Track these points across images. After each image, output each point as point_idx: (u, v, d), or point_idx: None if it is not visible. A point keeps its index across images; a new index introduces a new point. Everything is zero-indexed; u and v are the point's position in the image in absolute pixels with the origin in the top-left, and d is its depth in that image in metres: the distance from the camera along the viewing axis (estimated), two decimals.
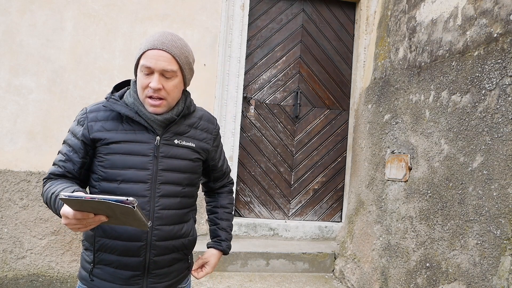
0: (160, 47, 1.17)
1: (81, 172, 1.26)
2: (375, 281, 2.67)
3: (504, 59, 1.83)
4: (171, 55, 1.18)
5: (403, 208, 2.50)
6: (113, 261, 1.21)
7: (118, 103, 1.24)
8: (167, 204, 1.23)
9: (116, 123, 1.23)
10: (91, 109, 1.26)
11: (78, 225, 1.00)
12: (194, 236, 1.36)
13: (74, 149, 1.24)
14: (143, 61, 1.18)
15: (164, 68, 1.17)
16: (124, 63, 3.17)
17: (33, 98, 3.02)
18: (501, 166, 1.78)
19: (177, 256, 1.29)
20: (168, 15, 3.25)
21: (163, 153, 1.23)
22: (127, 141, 1.21)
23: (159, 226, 1.21)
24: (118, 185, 1.19)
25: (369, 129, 3.13)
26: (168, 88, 1.20)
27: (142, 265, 1.21)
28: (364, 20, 3.62)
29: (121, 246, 1.20)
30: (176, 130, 1.28)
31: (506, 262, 1.70)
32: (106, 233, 1.21)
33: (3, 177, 2.92)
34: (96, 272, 1.23)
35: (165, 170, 1.23)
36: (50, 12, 3.08)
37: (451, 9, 2.30)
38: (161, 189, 1.22)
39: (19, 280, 2.87)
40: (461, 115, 2.08)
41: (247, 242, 3.34)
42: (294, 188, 3.73)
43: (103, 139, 1.21)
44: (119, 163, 1.20)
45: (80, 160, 1.24)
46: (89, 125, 1.23)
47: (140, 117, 1.22)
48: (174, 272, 1.30)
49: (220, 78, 3.38)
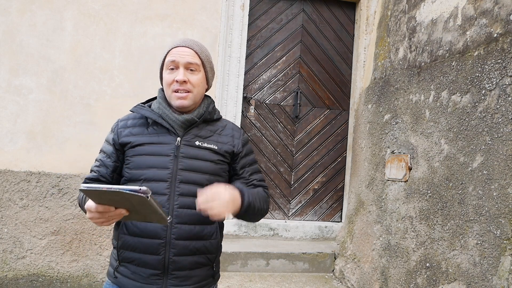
0: (183, 45, 1.30)
1: (113, 176, 1.33)
2: (375, 281, 2.67)
3: (504, 59, 1.83)
4: (193, 51, 1.30)
5: (403, 208, 2.50)
6: (135, 259, 1.25)
7: (144, 108, 1.36)
8: (186, 203, 1.25)
9: (142, 128, 1.33)
10: (122, 118, 1.40)
11: (101, 219, 1.06)
12: (217, 240, 1.34)
13: (107, 154, 1.34)
14: (168, 58, 1.30)
15: (188, 61, 1.28)
16: (124, 63, 3.17)
17: (33, 98, 3.02)
18: (501, 166, 1.78)
19: (200, 260, 1.29)
20: (168, 15, 3.25)
21: (184, 153, 1.28)
22: (151, 143, 1.30)
23: (178, 225, 1.24)
24: (141, 184, 1.25)
25: (369, 129, 3.13)
26: (193, 81, 1.29)
27: (161, 263, 1.23)
28: (364, 20, 3.62)
29: (141, 243, 1.24)
30: (198, 133, 1.33)
31: (506, 262, 1.70)
32: (128, 230, 1.26)
33: (3, 177, 2.92)
34: (120, 270, 1.29)
35: (184, 169, 1.27)
36: (50, 12, 3.08)
37: (451, 9, 2.30)
38: (181, 188, 1.25)
39: (19, 280, 2.87)
40: (461, 115, 2.08)
41: (247, 242, 3.34)
42: (294, 188, 3.73)
43: (130, 143, 1.30)
44: (142, 164, 1.28)
45: (112, 164, 1.33)
46: (119, 131, 1.34)
47: (163, 119, 1.31)
48: (196, 277, 1.29)
49: (220, 78, 3.38)
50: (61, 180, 2.98)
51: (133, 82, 3.15)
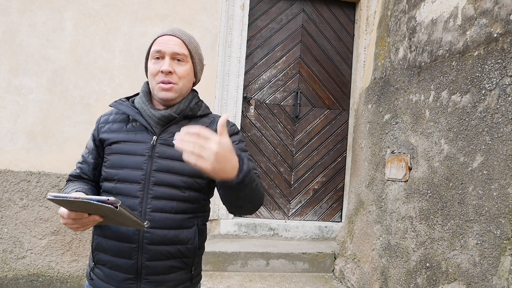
0: (170, 33, 1.23)
1: (95, 174, 1.28)
2: (375, 281, 2.67)
3: (504, 59, 1.83)
4: (181, 40, 1.22)
5: (403, 208, 2.50)
6: (108, 262, 1.20)
7: (124, 103, 1.28)
8: (159, 207, 1.17)
9: (121, 125, 1.26)
10: (105, 113, 1.33)
11: (75, 225, 1.03)
12: (194, 245, 1.22)
13: (89, 150, 1.30)
14: (154, 47, 1.22)
15: (175, 51, 1.20)
16: (124, 63, 3.17)
17: (33, 98, 3.02)
18: (501, 166, 1.78)
19: (175, 264, 1.20)
20: (168, 15, 3.25)
21: (159, 153, 1.19)
22: (126, 141, 1.22)
23: (150, 229, 1.15)
24: (115, 184, 1.20)
25: (369, 129, 3.13)
26: (179, 72, 1.21)
27: (134, 268, 1.17)
28: (364, 20, 3.62)
29: (114, 246, 1.18)
30: (176, 131, 1.18)
31: (506, 262, 1.70)
32: (102, 232, 1.21)
33: (3, 177, 2.92)
34: (96, 272, 1.24)
35: (158, 171, 1.18)
36: (50, 12, 3.08)
37: (451, 9, 2.30)
38: (154, 190, 1.17)
39: (19, 280, 2.87)
40: (461, 115, 2.08)
41: (247, 242, 3.34)
42: (294, 188, 3.73)
43: (107, 140, 1.24)
44: (117, 163, 1.21)
45: (93, 161, 1.28)
46: (99, 127, 1.28)
47: (141, 116, 1.23)
48: (172, 281, 1.21)
49: (220, 78, 3.38)
50: (61, 180, 2.98)
51: (133, 82, 3.15)
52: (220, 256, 3.01)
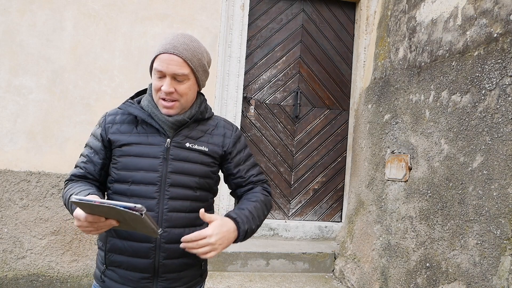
0: (171, 51, 1.19)
1: (101, 174, 1.29)
2: (375, 281, 2.67)
3: (504, 59, 1.83)
4: (182, 59, 1.20)
5: (403, 208, 2.50)
6: (123, 263, 1.22)
7: (133, 106, 1.28)
8: (176, 207, 1.22)
9: (131, 126, 1.27)
10: (110, 113, 1.32)
11: (89, 228, 1.04)
12: None
13: (95, 150, 1.29)
14: (155, 65, 1.21)
15: (175, 72, 1.19)
16: (124, 63, 3.17)
17: (33, 98, 3.02)
18: (501, 166, 1.78)
19: (189, 261, 1.26)
20: (168, 15, 3.25)
21: (173, 155, 1.24)
22: (139, 144, 1.24)
23: (167, 229, 1.20)
24: (129, 186, 1.22)
25: (369, 129, 3.13)
26: (180, 90, 1.22)
27: (151, 267, 1.21)
28: (364, 20, 3.62)
29: (131, 247, 1.21)
30: (188, 134, 1.28)
31: (506, 262, 1.70)
32: (117, 233, 1.23)
33: (3, 177, 2.92)
34: (108, 273, 1.25)
35: (174, 172, 1.23)
36: (50, 12, 3.07)
37: (451, 9, 2.30)
38: (170, 191, 1.22)
39: (19, 280, 2.87)
40: (461, 115, 2.08)
41: (247, 242, 3.33)
42: (294, 188, 3.73)
43: (117, 141, 1.25)
44: (130, 165, 1.22)
45: (100, 162, 1.28)
46: (106, 127, 1.28)
47: (153, 119, 1.25)
48: (186, 277, 1.28)
49: (220, 78, 3.38)
50: (61, 180, 2.98)
51: (133, 82, 3.15)
52: (220, 256, 3.01)
